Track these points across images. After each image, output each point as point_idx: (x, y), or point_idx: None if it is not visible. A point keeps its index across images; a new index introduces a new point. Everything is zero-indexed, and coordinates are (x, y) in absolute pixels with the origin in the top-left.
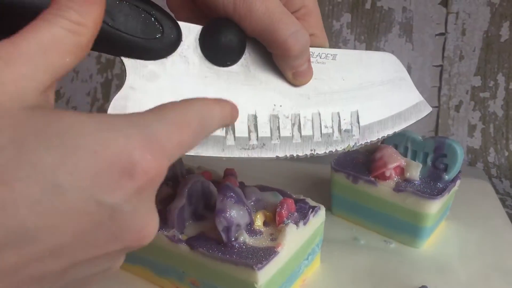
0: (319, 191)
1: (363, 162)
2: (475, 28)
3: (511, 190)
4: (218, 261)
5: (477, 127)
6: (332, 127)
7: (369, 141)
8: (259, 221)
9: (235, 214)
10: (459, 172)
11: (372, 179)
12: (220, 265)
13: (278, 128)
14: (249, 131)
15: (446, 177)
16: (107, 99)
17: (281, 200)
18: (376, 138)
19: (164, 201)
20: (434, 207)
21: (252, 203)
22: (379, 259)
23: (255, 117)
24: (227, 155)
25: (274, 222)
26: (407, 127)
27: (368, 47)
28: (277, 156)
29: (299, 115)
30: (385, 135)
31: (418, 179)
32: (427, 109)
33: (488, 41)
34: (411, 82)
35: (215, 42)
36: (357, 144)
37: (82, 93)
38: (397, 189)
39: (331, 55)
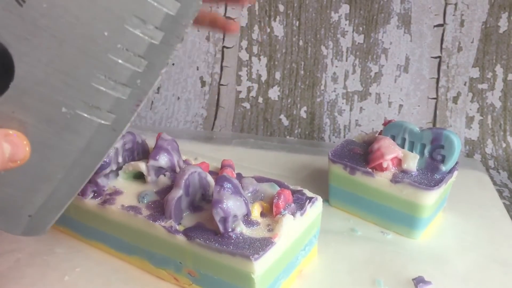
0: (316, 182)
1: (360, 153)
2: (473, 19)
3: (508, 181)
4: (215, 252)
5: (475, 118)
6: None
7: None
8: (256, 212)
9: (232, 205)
10: (456, 163)
11: (370, 170)
12: (217, 256)
13: None
14: None
15: (443, 168)
16: None
17: (278, 191)
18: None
19: (162, 192)
20: (431, 198)
21: (249, 194)
22: (376, 250)
23: None
24: None
25: (271, 213)
26: None
27: (367, 39)
28: None
29: None
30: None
31: (415, 170)
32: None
33: (486, 32)
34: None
35: None
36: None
37: None
38: (394, 180)
39: None
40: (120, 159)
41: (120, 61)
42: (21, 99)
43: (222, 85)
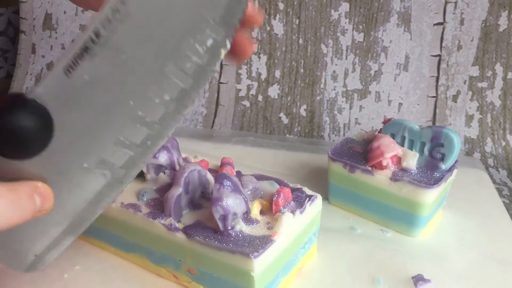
0: (316, 180)
1: (360, 151)
2: (473, 17)
3: (507, 179)
4: (214, 250)
5: (474, 117)
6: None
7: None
8: (255, 210)
9: (232, 202)
10: (456, 161)
11: (369, 168)
12: (217, 254)
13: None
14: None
15: (443, 166)
16: None
17: (277, 189)
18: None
19: (161, 190)
20: (430, 196)
21: (248, 192)
22: (375, 248)
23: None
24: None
25: (271, 211)
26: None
27: (366, 37)
28: None
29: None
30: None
31: (415, 168)
32: None
33: (486, 31)
34: None
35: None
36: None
37: None
38: (394, 178)
39: None
40: None
41: (138, 125)
42: (50, 158)
43: (222, 83)
